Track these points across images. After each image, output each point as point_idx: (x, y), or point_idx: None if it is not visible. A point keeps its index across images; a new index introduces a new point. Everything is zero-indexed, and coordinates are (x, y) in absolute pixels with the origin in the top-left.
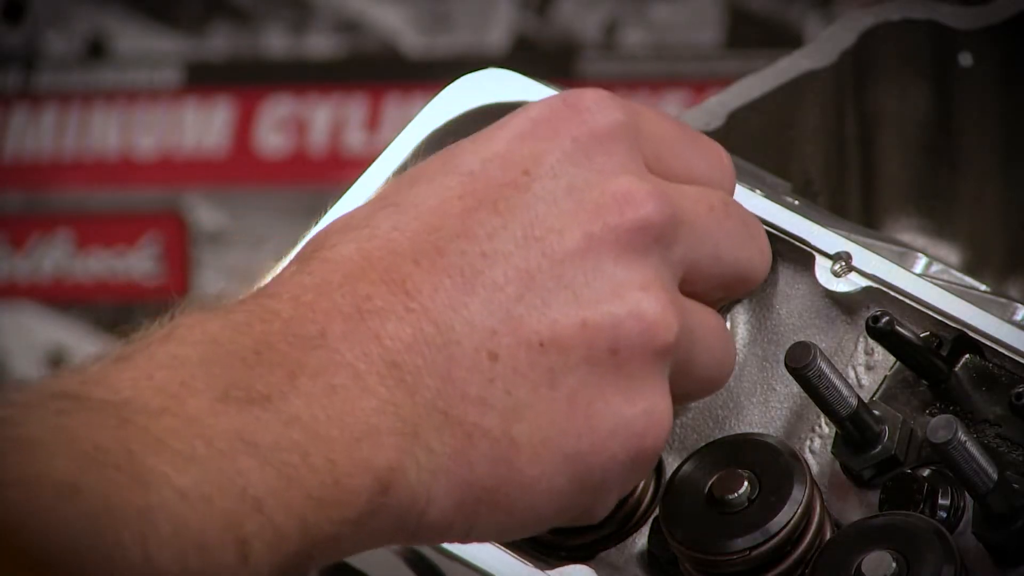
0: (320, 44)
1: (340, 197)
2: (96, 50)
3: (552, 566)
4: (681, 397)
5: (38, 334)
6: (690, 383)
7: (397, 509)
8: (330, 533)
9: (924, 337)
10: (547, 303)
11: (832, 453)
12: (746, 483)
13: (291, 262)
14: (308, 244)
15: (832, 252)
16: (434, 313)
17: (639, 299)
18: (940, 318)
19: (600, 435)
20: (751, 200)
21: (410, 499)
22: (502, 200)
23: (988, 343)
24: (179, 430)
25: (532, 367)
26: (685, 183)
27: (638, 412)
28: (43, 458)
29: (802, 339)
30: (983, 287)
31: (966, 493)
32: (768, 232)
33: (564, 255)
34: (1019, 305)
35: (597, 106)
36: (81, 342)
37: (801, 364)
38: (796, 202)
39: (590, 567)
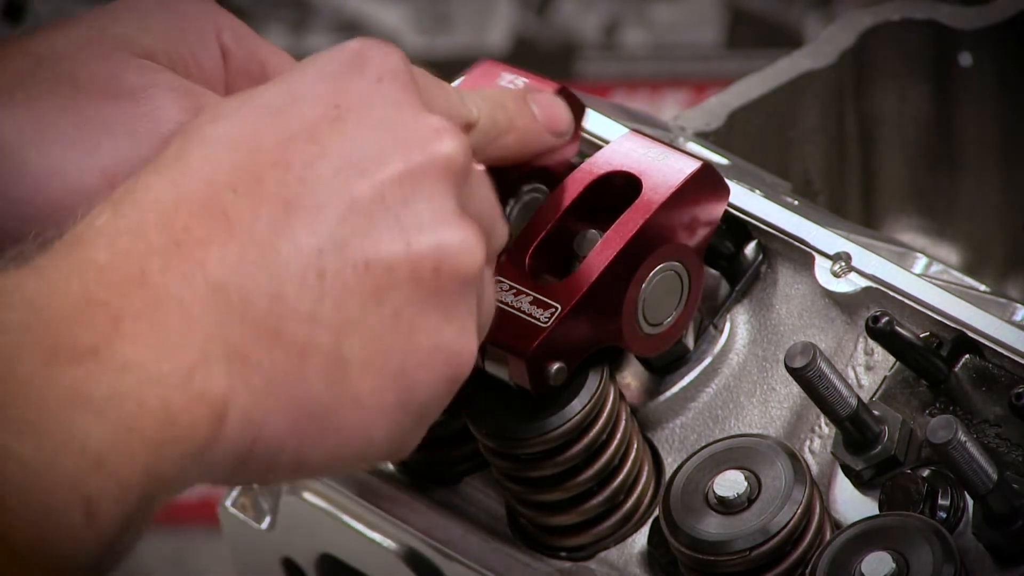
0: (320, 44)
1: None
2: None
3: (552, 565)
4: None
5: None
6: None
7: (233, 435)
8: (172, 473)
9: (924, 337)
10: (372, 225)
11: (832, 453)
12: (746, 483)
13: (102, 206)
14: (118, 189)
15: (832, 252)
16: (258, 236)
17: (458, 226)
18: (940, 318)
19: (423, 353)
20: (751, 200)
21: (245, 422)
22: (317, 131)
23: (988, 343)
24: (11, 398)
25: (360, 284)
26: (454, 114)
27: (455, 332)
28: None
29: (802, 339)
30: (983, 287)
31: (966, 493)
32: (768, 232)
33: (385, 181)
34: (1019, 305)
35: (381, 49)
36: None
37: (801, 364)
38: (796, 202)
39: (590, 567)
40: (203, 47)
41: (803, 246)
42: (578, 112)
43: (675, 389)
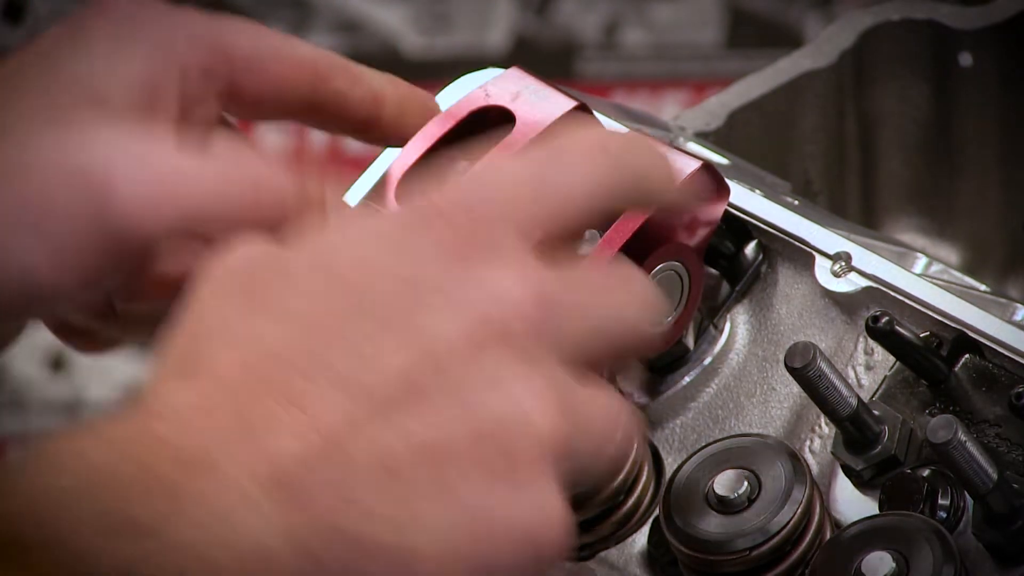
0: (320, 44)
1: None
2: None
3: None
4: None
5: (39, 336)
6: (575, 469)
7: None
8: None
9: (924, 337)
10: (436, 409)
11: (832, 453)
12: (746, 483)
13: (170, 372)
14: (186, 346)
15: (832, 252)
16: (323, 426)
17: (526, 401)
18: (940, 318)
19: (498, 539)
20: (751, 200)
21: None
22: (381, 305)
23: (988, 343)
24: (63, 570)
25: (426, 476)
26: (555, 232)
27: (532, 513)
28: None
29: (802, 339)
30: (983, 287)
31: (966, 493)
32: (768, 232)
33: (448, 357)
34: (1019, 305)
35: (456, 206)
36: None
37: (801, 364)
38: (796, 202)
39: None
40: (172, 79)
41: (803, 246)
42: (723, 191)
43: (675, 389)
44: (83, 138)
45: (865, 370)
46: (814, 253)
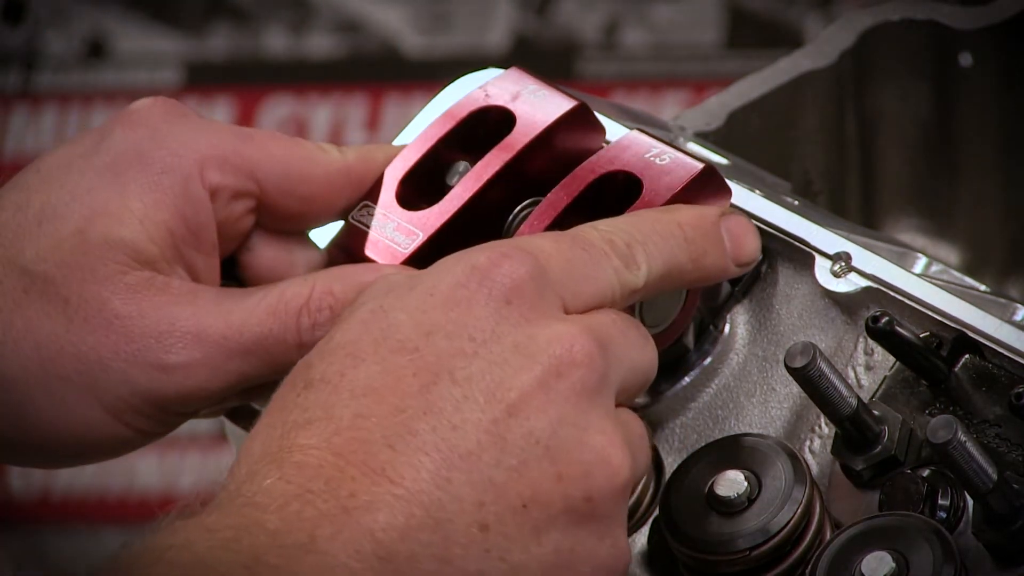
0: (320, 44)
1: None
2: (96, 50)
3: None
4: None
5: None
6: None
7: None
8: None
9: (924, 337)
10: (523, 463)
11: (832, 453)
12: (746, 483)
13: (259, 458)
14: (270, 433)
15: (832, 252)
16: (420, 495)
17: (602, 444)
18: (940, 318)
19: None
20: (751, 200)
21: None
22: (457, 370)
23: (988, 343)
24: None
25: (520, 529)
26: (594, 306)
27: (610, 548)
28: None
29: (802, 339)
30: (983, 287)
31: (966, 493)
32: (768, 232)
33: (528, 412)
34: (1019, 305)
35: (508, 265)
36: None
37: (801, 364)
38: (796, 202)
39: None
40: (189, 212)
41: (803, 246)
42: (723, 192)
43: (675, 389)
44: (120, 298)
45: (865, 370)
46: (814, 253)
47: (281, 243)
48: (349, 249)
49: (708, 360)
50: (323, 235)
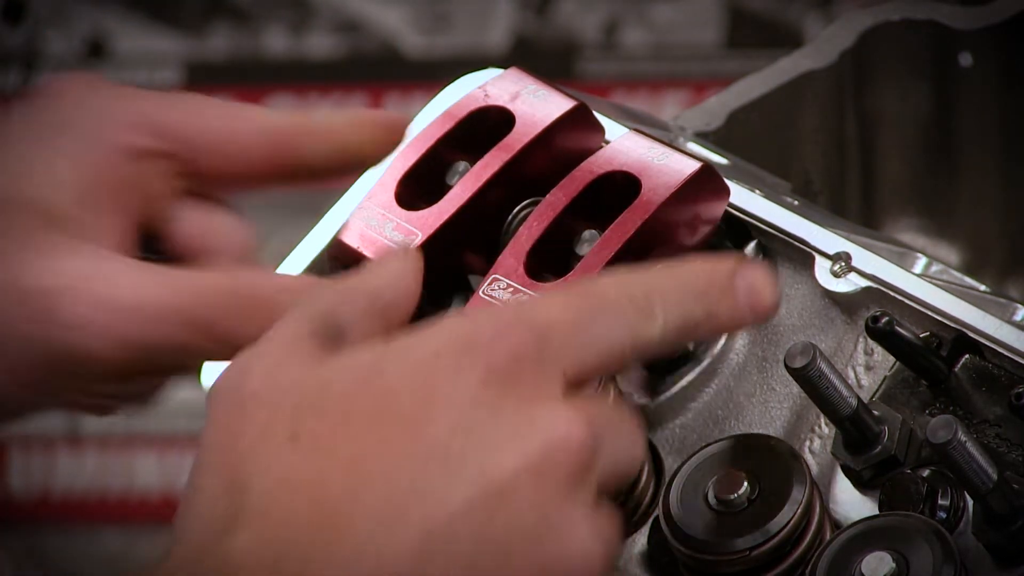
0: (320, 44)
1: (340, 197)
2: (96, 50)
3: None
4: None
5: None
6: None
7: None
8: None
9: (924, 337)
10: (507, 549)
11: (832, 453)
12: (746, 483)
13: (222, 519)
14: (230, 491)
15: (832, 252)
16: (387, 564)
17: (589, 539)
18: (940, 318)
19: None
20: (751, 200)
21: None
22: (436, 439)
23: (988, 343)
24: None
25: None
26: (599, 372)
27: None
28: None
29: (802, 339)
30: (983, 287)
31: (966, 493)
32: (768, 232)
33: (512, 493)
34: (1019, 305)
35: (508, 341)
36: None
37: (801, 364)
38: (796, 202)
39: None
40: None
41: (803, 246)
42: (723, 192)
43: (675, 389)
44: (27, 256)
45: (865, 370)
46: (814, 253)
47: (205, 214)
48: (340, 258)
49: (708, 360)
50: (324, 234)
